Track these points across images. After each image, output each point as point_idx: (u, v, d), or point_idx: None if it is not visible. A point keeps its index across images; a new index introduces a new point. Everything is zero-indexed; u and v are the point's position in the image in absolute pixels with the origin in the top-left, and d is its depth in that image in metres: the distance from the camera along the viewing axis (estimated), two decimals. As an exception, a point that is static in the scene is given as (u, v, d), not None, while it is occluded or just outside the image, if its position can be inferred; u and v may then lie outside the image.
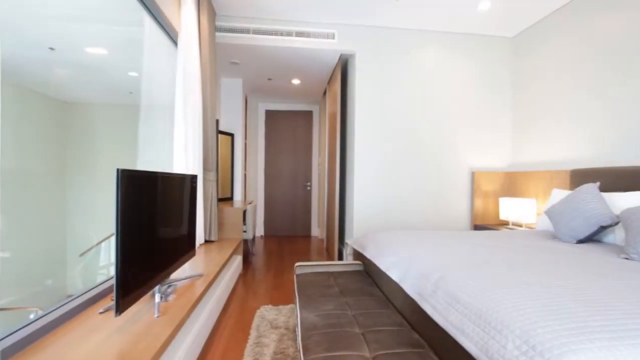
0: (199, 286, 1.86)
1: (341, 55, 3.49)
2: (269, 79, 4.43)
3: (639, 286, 1.13)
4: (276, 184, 5.77)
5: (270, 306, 2.50)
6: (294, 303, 2.01)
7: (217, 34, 3.17)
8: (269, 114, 5.75)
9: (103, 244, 3.07)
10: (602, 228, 1.97)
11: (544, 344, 0.78)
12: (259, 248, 4.73)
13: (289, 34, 3.24)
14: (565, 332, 0.81)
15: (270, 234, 5.77)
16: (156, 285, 1.53)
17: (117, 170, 1.17)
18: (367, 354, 1.13)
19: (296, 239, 5.50)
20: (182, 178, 1.90)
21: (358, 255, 2.38)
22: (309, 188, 5.82)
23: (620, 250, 1.78)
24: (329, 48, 3.33)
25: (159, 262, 1.55)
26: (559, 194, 2.55)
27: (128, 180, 1.23)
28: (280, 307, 2.49)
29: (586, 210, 2.01)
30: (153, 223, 1.49)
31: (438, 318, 1.12)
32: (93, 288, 1.63)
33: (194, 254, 2.13)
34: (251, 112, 5.63)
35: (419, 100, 3.47)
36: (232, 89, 4.48)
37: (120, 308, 1.18)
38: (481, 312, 0.98)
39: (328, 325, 1.35)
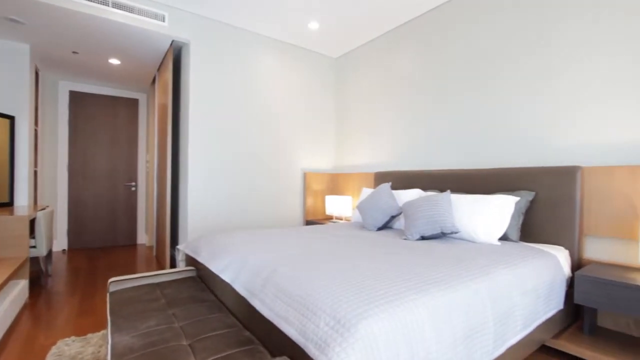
0: (-61, 334, 1.28)
1: (173, 41, 3.17)
2: (75, 52, 3.53)
3: (409, 260, 1.53)
4: (87, 183, 4.67)
5: (73, 338, 1.99)
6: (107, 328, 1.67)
7: (-18, -25, 2.28)
8: (76, 97, 4.59)
9: None
10: (392, 217, 2.56)
11: (345, 316, 0.94)
12: (59, 266, 3.70)
13: (103, 1, 2.67)
14: (360, 303, 1.00)
15: (79, 247, 4.62)
16: None
17: None
18: (193, 365, 1.06)
19: (117, 249, 4.62)
20: None
21: (192, 260, 2.22)
22: (134, 189, 5.00)
23: (402, 234, 2.37)
24: (158, 31, 2.95)
25: None
26: (366, 192, 3.15)
27: None
28: (89, 336, 2.02)
29: (381, 204, 2.57)
30: None
31: (265, 311, 1.17)
32: None
33: None
34: (47, 92, 4.35)
35: (255, 101, 3.55)
36: (11, 56, 3.32)
37: None
38: (301, 299, 1.09)
39: (148, 344, 1.18)
